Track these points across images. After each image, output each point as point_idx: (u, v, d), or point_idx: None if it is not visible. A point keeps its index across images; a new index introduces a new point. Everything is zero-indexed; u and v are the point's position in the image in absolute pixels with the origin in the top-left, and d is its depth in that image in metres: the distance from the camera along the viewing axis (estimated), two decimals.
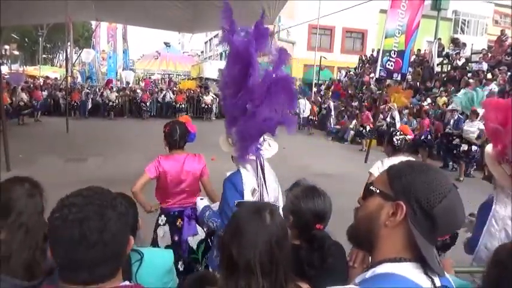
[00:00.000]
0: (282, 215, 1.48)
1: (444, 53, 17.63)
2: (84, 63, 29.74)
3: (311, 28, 25.49)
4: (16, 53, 41.21)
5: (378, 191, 1.02)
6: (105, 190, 1.04)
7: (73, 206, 0.95)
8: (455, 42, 18.18)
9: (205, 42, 47.08)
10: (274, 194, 2.49)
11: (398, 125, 12.48)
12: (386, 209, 0.99)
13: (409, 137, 3.66)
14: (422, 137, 11.26)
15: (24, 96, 16.37)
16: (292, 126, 2.35)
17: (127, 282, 1.07)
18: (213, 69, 27.23)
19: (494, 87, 12.00)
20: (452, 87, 13.82)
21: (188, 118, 3.58)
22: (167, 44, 37.02)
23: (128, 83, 27.33)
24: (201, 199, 2.61)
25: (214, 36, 42.52)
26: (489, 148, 2.34)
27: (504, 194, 2.21)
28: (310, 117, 17.68)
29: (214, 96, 20.74)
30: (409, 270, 0.94)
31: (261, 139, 2.44)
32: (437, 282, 0.95)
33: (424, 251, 0.94)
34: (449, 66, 16.77)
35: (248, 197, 2.32)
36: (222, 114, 21.32)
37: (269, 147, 2.47)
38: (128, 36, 32.15)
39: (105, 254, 0.94)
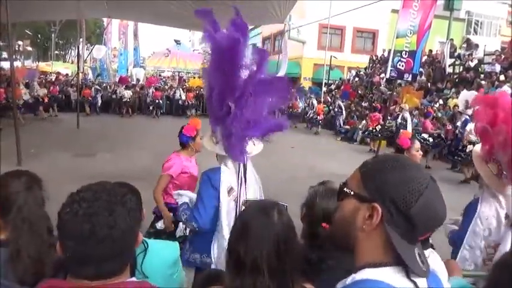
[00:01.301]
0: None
1: (456, 53, 17.43)
2: (96, 59, 29.98)
3: (321, 27, 25.37)
4: (29, 48, 41.76)
5: (352, 192, 0.97)
6: (116, 186, 1.05)
7: (83, 201, 0.95)
8: (468, 43, 17.95)
9: None
10: (254, 195, 2.47)
11: (409, 126, 12.37)
12: (362, 212, 0.93)
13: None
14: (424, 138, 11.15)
15: (43, 91, 16.58)
16: (283, 129, 2.32)
17: (134, 279, 1.07)
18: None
19: (507, 89, 11.83)
20: (464, 89, 13.66)
21: (197, 120, 3.60)
22: (177, 42, 37.12)
23: (138, 80, 27.49)
24: (178, 194, 2.58)
25: None
26: (477, 148, 2.38)
27: (489, 194, 2.26)
28: (315, 116, 17.64)
29: None
30: (389, 275, 0.89)
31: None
32: (422, 284, 0.90)
33: (402, 253, 0.88)
34: (462, 67, 16.57)
35: (224, 195, 2.32)
36: None
37: (253, 146, 2.45)
38: (138, 33, 32.35)
39: (113, 249, 0.95)
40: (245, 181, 2.40)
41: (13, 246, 1.34)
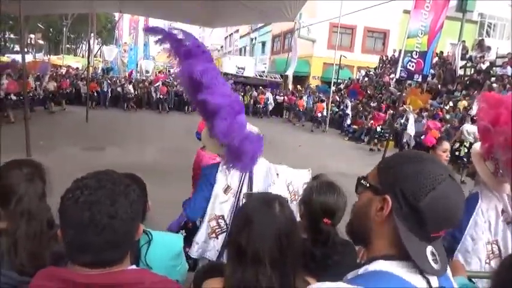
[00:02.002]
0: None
1: (468, 56, 17.23)
2: (107, 61, 30.13)
3: (332, 26, 25.23)
4: (41, 42, 42.17)
5: (367, 184, 0.99)
6: (121, 176, 1.04)
7: (86, 188, 0.95)
8: (480, 44, 17.73)
9: (225, 38, 47.13)
10: (262, 186, 2.47)
11: (411, 127, 12.29)
12: (375, 204, 0.95)
13: None
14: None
15: (52, 84, 16.73)
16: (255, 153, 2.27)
17: (134, 266, 1.07)
18: (232, 64, 27.32)
19: None
20: (475, 91, 13.51)
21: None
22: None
23: (147, 71, 27.59)
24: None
25: (234, 32, 42.57)
26: (477, 145, 2.46)
27: (488, 190, 2.32)
28: (318, 114, 17.59)
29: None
30: (402, 268, 0.89)
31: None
32: (435, 283, 0.90)
33: (409, 247, 0.88)
34: (473, 69, 16.38)
35: (219, 192, 2.35)
36: None
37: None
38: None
39: (113, 239, 0.94)
40: (251, 181, 2.41)
41: (11, 238, 1.33)
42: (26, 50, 18.86)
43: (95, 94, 19.00)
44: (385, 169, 0.97)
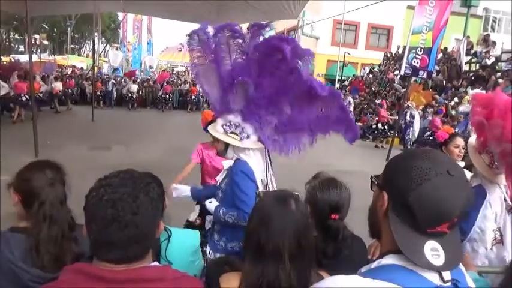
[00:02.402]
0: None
1: (473, 51, 17.13)
2: (113, 67, 30.19)
3: (336, 23, 25.18)
4: (45, 42, 42.38)
5: (376, 181, 1.03)
6: (142, 174, 1.08)
7: (109, 186, 0.99)
8: (485, 40, 17.61)
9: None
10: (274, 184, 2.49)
11: (417, 124, 12.26)
12: (379, 200, 0.98)
13: None
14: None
15: (58, 84, 16.83)
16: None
17: (156, 263, 1.11)
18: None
19: None
20: (480, 87, 13.44)
21: (209, 113, 3.65)
22: None
23: (151, 67, 27.61)
24: (209, 202, 2.50)
25: None
26: (472, 139, 2.57)
27: (488, 181, 2.42)
28: None
29: None
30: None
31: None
32: (446, 276, 0.92)
33: (400, 242, 0.91)
34: (478, 65, 16.29)
35: (260, 185, 2.33)
36: None
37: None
38: (152, 28, 32.60)
39: (135, 235, 0.98)
40: (272, 170, 2.43)
41: (33, 241, 1.37)
42: (32, 50, 18.99)
43: (100, 94, 19.09)
44: (387, 166, 1.01)
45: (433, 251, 0.91)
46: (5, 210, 1.76)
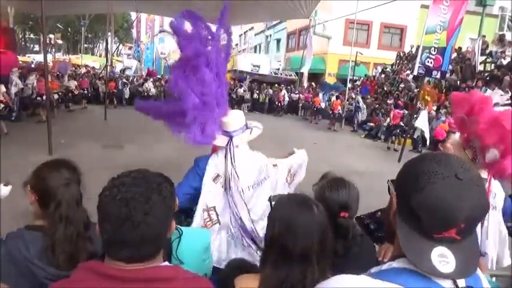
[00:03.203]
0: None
1: (488, 51, 16.84)
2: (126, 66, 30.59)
3: (348, 23, 25.00)
4: (60, 42, 43.04)
5: (391, 184, 1.03)
6: (154, 174, 1.10)
7: (122, 186, 1.01)
8: (500, 39, 17.29)
9: (240, 35, 47.16)
10: (254, 180, 2.46)
11: (421, 123, 12.08)
12: (392, 203, 0.99)
13: None
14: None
15: (73, 83, 17.08)
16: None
17: (167, 263, 1.12)
18: (247, 62, 27.32)
19: None
20: (496, 87, 13.20)
21: None
22: None
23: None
24: None
25: (249, 29, 42.54)
26: (456, 136, 2.70)
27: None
28: (331, 112, 17.55)
29: (247, 89, 20.85)
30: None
31: (243, 125, 2.46)
32: (461, 282, 0.90)
33: (405, 246, 0.90)
34: (493, 65, 16.00)
35: (208, 182, 2.36)
36: (254, 107, 21.57)
37: (249, 134, 2.48)
38: (165, 26, 32.87)
39: (148, 235, 0.99)
40: (234, 167, 2.39)
41: (49, 240, 1.40)
42: (47, 49, 19.32)
43: (113, 93, 19.28)
44: (400, 169, 1.01)
45: (441, 257, 0.88)
46: (20, 207, 1.79)
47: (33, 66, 15.34)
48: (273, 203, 1.37)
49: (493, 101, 2.76)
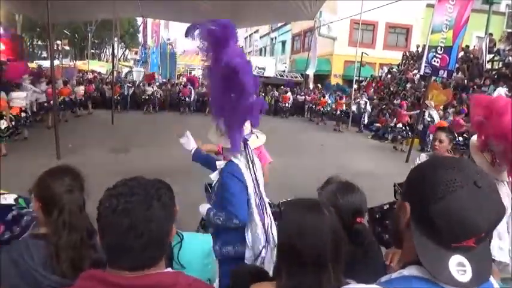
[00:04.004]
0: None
1: (495, 49, 16.67)
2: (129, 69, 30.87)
3: (353, 23, 24.94)
4: (67, 48, 43.47)
5: (398, 190, 1.01)
6: (150, 180, 1.08)
7: (121, 196, 1.00)
8: (508, 37, 17.12)
9: (245, 38, 47.27)
10: (262, 184, 2.48)
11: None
12: (402, 209, 0.95)
13: None
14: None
15: (80, 88, 17.23)
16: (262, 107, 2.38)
17: (169, 269, 1.11)
18: (253, 64, 27.36)
19: None
20: (504, 85, 13.06)
21: None
22: None
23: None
24: (201, 206, 2.47)
25: (254, 32, 42.63)
26: (474, 138, 2.68)
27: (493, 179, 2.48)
28: (338, 111, 17.49)
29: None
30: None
31: (248, 131, 2.44)
32: None
33: (422, 255, 0.87)
34: (501, 63, 15.85)
35: (250, 185, 2.33)
36: (260, 110, 21.45)
37: (256, 139, 2.51)
38: (170, 31, 33.14)
39: (151, 242, 0.99)
40: (255, 172, 2.39)
41: (53, 248, 1.40)
42: (54, 56, 19.55)
43: (119, 97, 19.38)
44: (410, 174, 0.97)
45: (459, 266, 0.86)
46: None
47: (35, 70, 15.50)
48: (282, 208, 1.35)
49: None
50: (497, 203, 0.87)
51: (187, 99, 20.09)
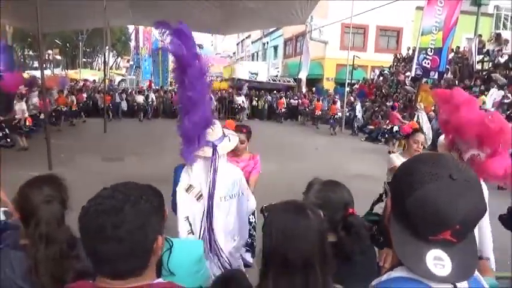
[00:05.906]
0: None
1: (485, 50, 16.87)
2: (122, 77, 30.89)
3: (344, 27, 25.11)
4: (58, 57, 43.25)
5: (387, 186, 1.01)
6: (139, 186, 1.04)
7: (98, 198, 0.97)
8: (497, 38, 17.33)
9: (237, 44, 47.44)
10: (228, 193, 2.43)
11: (425, 126, 12.01)
12: (386, 206, 0.96)
13: None
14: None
15: (71, 98, 17.13)
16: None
17: (160, 280, 1.07)
18: (245, 70, 27.41)
19: None
20: (495, 86, 13.20)
21: (232, 122, 3.57)
22: (200, 46, 37.48)
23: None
24: None
25: (246, 38, 42.78)
26: (442, 138, 2.68)
27: None
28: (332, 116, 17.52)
29: (246, 97, 20.91)
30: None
31: (219, 135, 2.43)
32: (462, 285, 0.87)
33: (399, 249, 0.87)
34: (491, 63, 16.02)
35: (181, 192, 2.35)
36: (254, 115, 21.60)
37: (228, 142, 2.46)
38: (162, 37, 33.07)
39: (121, 249, 0.93)
40: (214, 179, 2.36)
41: (31, 261, 1.35)
42: (44, 65, 19.48)
43: (110, 106, 19.28)
44: (395, 173, 0.98)
45: (437, 260, 0.86)
46: None
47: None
48: (265, 214, 1.33)
49: (491, 99, 2.75)
50: (475, 197, 0.86)
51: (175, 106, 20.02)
